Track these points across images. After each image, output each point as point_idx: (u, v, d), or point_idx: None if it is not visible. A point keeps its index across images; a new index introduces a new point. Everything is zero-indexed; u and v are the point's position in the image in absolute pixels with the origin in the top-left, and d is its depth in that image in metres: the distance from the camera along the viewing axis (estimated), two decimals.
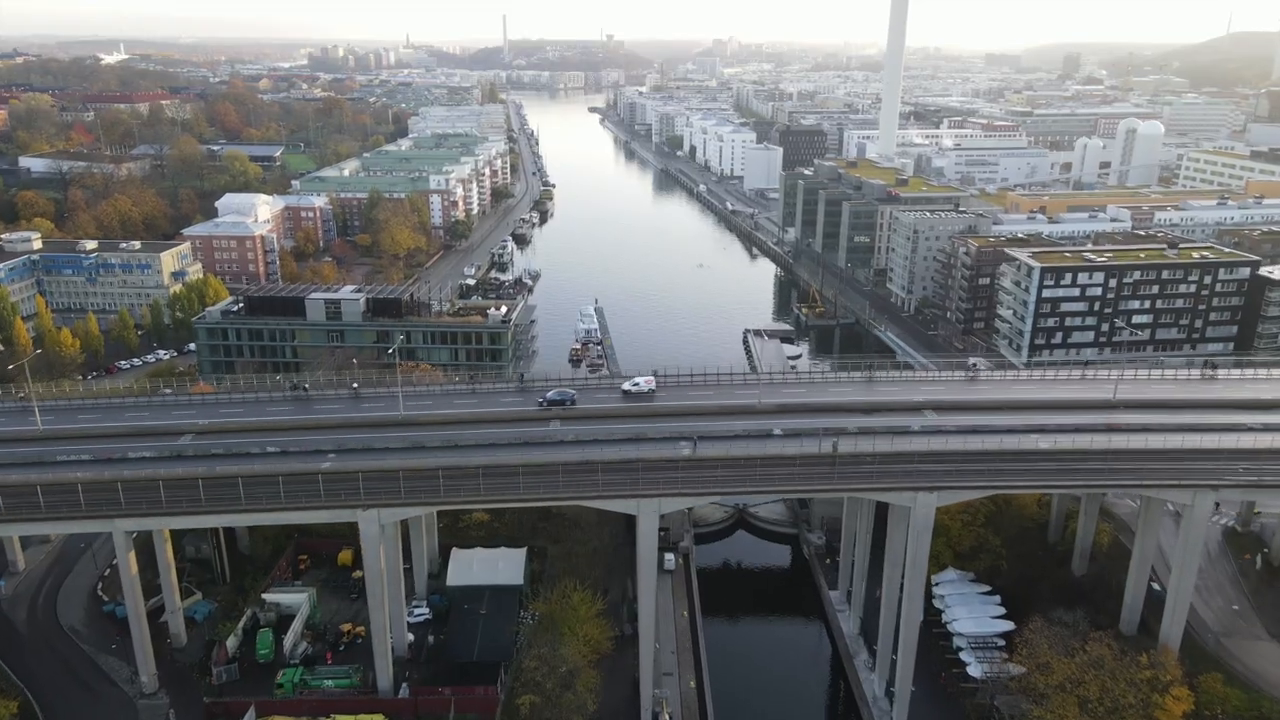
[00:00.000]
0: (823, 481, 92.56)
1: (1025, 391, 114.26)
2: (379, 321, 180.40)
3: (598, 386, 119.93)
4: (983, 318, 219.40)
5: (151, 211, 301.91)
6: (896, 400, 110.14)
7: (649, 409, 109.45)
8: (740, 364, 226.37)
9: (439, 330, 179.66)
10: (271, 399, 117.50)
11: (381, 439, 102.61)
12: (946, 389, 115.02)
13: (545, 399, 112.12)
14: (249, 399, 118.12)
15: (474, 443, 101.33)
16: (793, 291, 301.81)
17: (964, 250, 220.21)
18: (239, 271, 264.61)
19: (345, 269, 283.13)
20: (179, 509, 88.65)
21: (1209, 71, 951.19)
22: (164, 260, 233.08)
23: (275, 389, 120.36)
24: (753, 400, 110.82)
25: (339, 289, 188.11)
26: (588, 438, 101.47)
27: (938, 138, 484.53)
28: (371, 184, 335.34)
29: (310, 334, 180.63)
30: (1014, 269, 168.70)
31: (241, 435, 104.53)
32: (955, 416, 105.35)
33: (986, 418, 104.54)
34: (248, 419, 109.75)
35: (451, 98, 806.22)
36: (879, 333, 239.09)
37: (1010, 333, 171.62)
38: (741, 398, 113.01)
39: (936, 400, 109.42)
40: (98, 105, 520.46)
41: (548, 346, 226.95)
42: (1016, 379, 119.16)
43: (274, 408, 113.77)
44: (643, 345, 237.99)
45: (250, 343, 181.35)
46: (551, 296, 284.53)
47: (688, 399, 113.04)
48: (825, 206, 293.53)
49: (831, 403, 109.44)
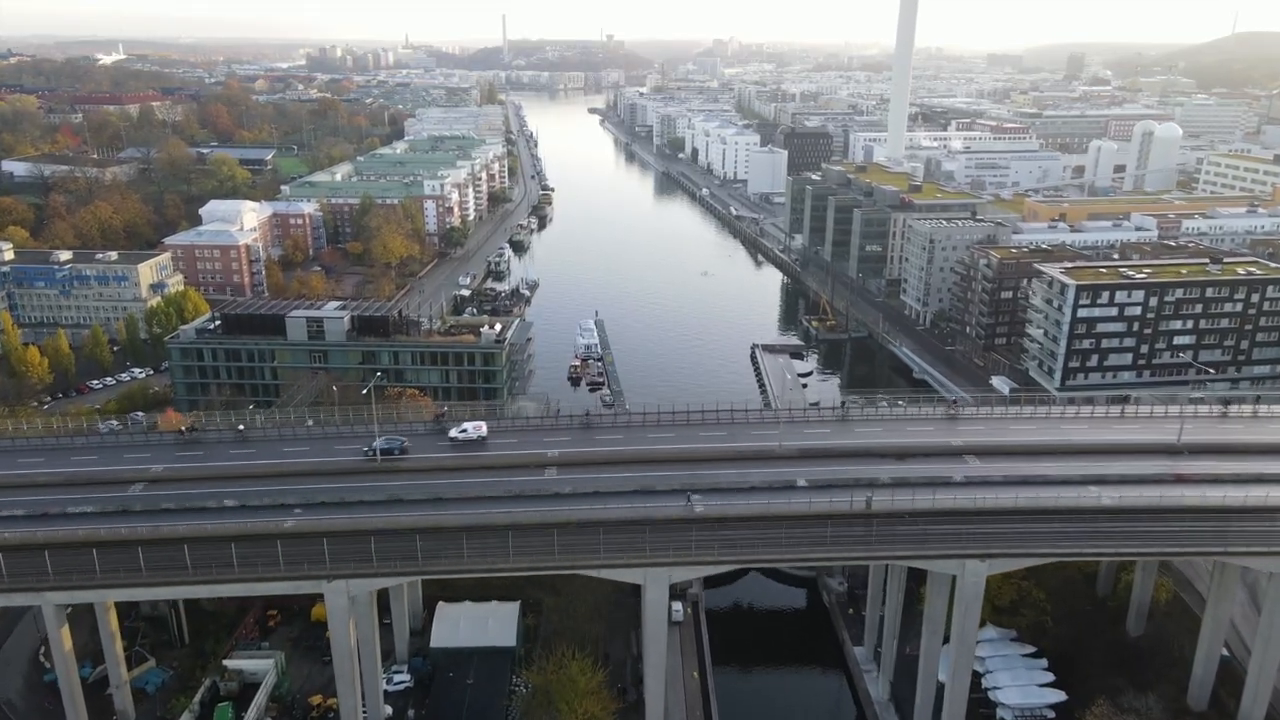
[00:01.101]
0: (858, 546, 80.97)
1: (1076, 432, 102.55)
2: (364, 341, 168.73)
3: (440, 431, 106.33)
4: (1005, 333, 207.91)
5: (134, 218, 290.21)
6: (933, 444, 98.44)
7: (655, 454, 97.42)
8: (748, 380, 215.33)
9: (429, 350, 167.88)
10: (239, 437, 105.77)
11: (355, 489, 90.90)
12: (987, 428, 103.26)
13: (373, 448, 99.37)
14: (210, 438, 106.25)
15: (458, 495, 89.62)
16: (800, 301, 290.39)
17: (984, 262, 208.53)
18: (223, 283, 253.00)
19: (335, 279, 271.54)
20: (116, 580, 77.13)
21: (1215, 72, 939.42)
22: (141, 272, 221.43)
23: (239, 428, 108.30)
24: (772, 443, 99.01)
25: (322, 305, 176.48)
26: (587, 488, 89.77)
27: (946, 140, 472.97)
28: (364, 189, 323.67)
29: (291, 354, 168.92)
30: (1045, 286, 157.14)
31: (199, 484, 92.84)
32: (1000, 463, 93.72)
33: (1036, 465, 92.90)
34: (208, 464, 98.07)
35: (450, 99, 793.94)
36: (893, 348, 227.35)
37: (1041, 354, 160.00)
38: (758, 438, 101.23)
39: (977, 443, 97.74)
40: (86, 106, 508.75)
41: (546, 363, 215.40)
42: (1062, 417, 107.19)
43: (237, 450, 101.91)
44: (645, 361, 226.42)
45: (227, 364, 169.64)
46: (550, 307, 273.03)
47: (698, 441, 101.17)
48: (835, 213, 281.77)
49: (860, 446, 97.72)
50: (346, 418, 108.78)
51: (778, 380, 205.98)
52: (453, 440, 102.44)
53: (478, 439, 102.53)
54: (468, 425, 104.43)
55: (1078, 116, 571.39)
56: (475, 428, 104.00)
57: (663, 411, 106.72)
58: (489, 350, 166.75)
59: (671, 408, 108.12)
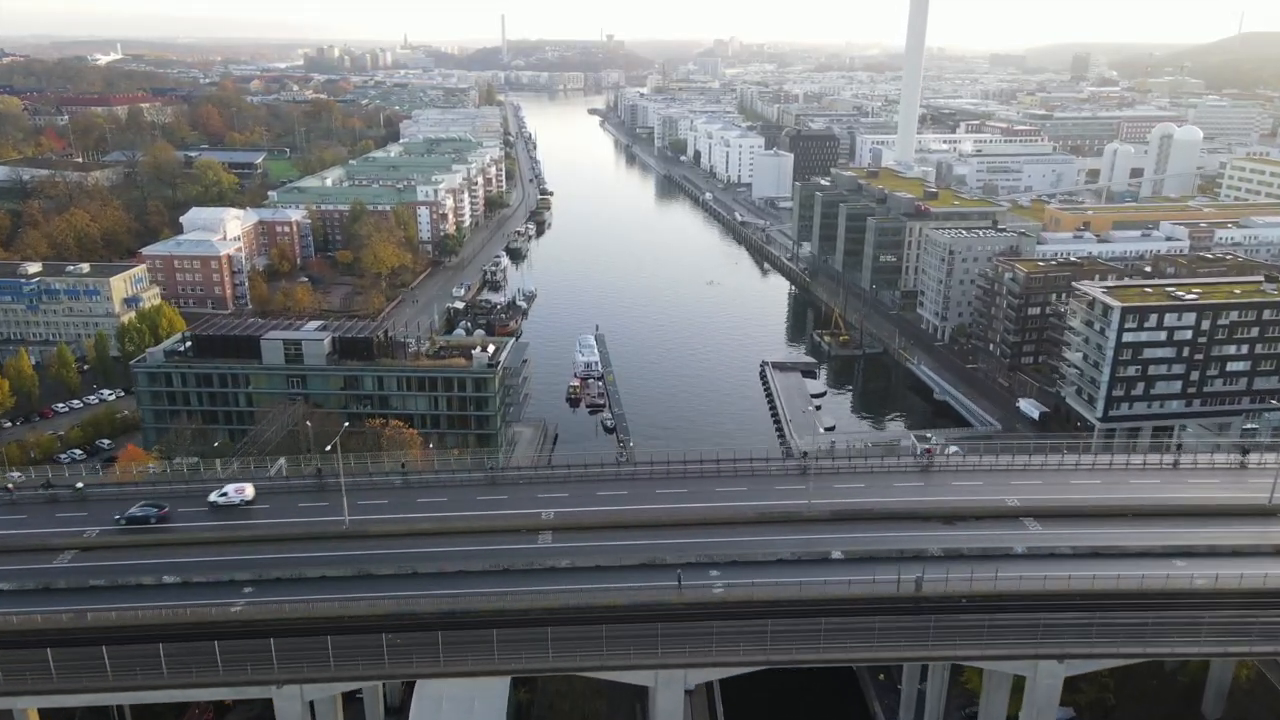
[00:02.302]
0: (910, 642, 68.19)
1: (1146, 486, 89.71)
2: (346, 365, 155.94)
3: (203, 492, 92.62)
4: (1032, 352, 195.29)
5: (113, 226, 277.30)
6: (984, 503, 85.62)
7: (666, 516, 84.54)
8: (758, 401, 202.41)
9: (416, 376, 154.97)
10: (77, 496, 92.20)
11: (318, 560, 78.10)
12: (1044, 482, 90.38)
13: (124, 516, 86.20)
14: (161, 488, 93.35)
15: (437, 569, 76.80)
16: (809, 312, 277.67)
17: (1010, 276, 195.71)
18: (204, 295, 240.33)
19: (322, 290, 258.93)
20: (22, 686, 64.12)
21: (1222, 72, 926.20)
22: (114, 285, 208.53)
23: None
24: (799, 500, 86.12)
25: (301, 326, 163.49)
26: (587, 561, 76.98)
27: (956, 143, 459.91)
28: (355, 195, 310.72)
29: (267, 379, 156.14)
30: (1086, 307, 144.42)
31: (138, 553, 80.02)
32: (1065, 528, 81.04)
33: (1107, 530, 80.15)
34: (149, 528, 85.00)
35: (448, 99, 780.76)
36: (911, 365, 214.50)
37: (1080, 381, 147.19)
38: (783, 495, 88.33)
39: (1036, 503, 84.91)
40: (72, 108, 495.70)
41: (543, 381, 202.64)
42: (1128, 467, 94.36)
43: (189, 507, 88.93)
44: (649, 380, 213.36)
45: (198, 389, 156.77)
46: (548, 320, 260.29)
47: (715, 498, 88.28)
48: (847, 222, 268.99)
49: (901, 507, 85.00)
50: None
51: (790, 402, 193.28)
52: (212, 506, 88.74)
53: (240, 504, 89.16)
54: (229, 489, 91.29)
55: (1089, 118, 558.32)
56: (237, 490, 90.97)
57: (673, 461, 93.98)
58: (481, 375, 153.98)
59: (683, 456, 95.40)
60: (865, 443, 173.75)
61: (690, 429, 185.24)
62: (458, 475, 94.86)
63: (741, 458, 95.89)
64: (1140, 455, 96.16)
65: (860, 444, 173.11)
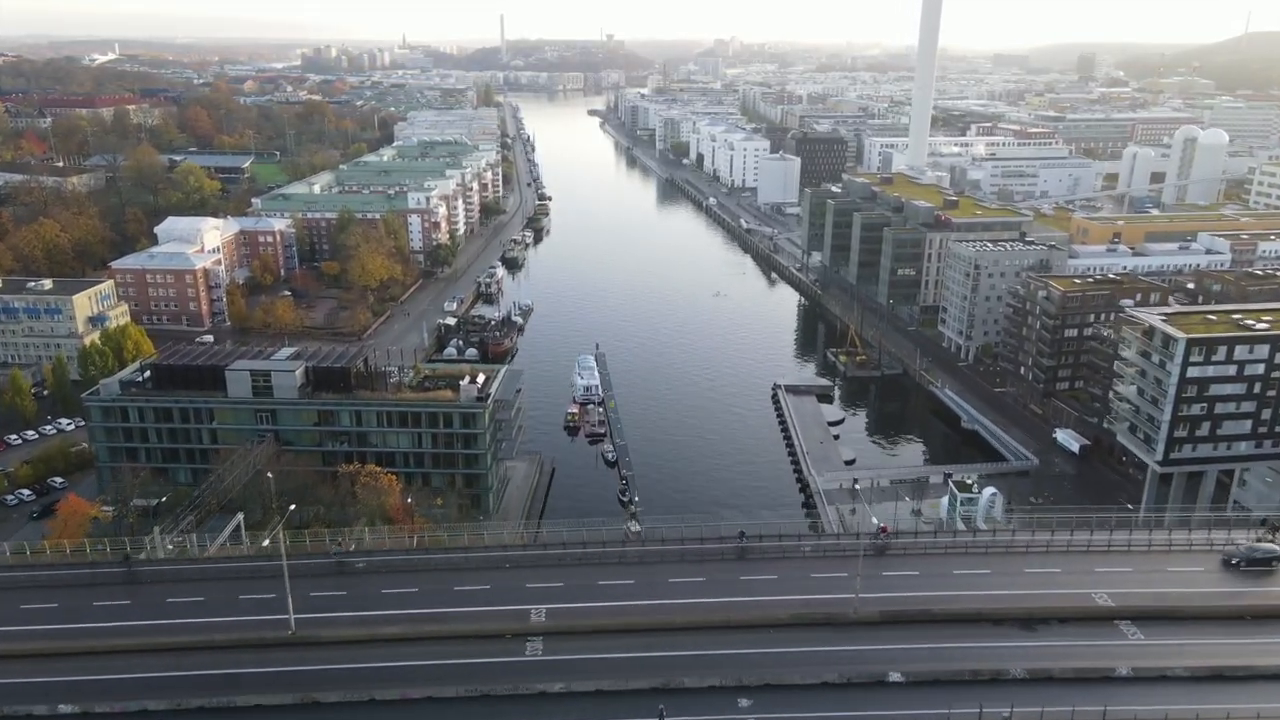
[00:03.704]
0: None
1: None
2: (321, 398, 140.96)
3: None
4: (1069, 377, 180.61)
5: (86, 236, 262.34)
6: (1067, 599, 70.75)
7: (681, 616, 69.64)
8: (770, 428, 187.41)
9: (398, 410, 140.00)
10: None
11: (253, 680, 63.14)
12: (1135, 569, 75.41)
13: None
14: (82, 574, 78.35)
15: (399, 695, 61.86)
16: (820, 326, 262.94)
17: (1043, 294, 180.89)
18: (178, 311, 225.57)
19: (306, 305, 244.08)
20: None
21: (1231, 72, 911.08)
22: (77, 303, 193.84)
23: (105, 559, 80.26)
24: (842, 595, 71.17)
25: (273, 353, 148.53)
26: (586, 682, 62.09)
27: (968, 146, 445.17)
28: (343, 203, 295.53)
29: (233, 414, 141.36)
30: (1141, 336, 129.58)
31: (31, 666, 65.01)
32: (1174, 635, 66.19)
33: (1230, 642, 65.13)
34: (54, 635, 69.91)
35: (445, 100, 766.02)
36: (934, 389, 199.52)
37: (1136, 419, 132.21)
38: (821, 585, 73.64)
39: (1131, 600, 69.96)
40: (56, 110, 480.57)
41: (540, 404, 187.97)
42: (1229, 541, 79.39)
43: (105, 597, 74.02)
44: (653, 405, 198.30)
45: (157, 425, 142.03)
46: (545, 336, 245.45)
47: (738, 587, 73.40)
48: (861, 232, 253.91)
49: (967, 604, 70.03)
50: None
51: (805, 431, 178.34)
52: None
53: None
54: None
55: (1102, 120, 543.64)
56: None
57: (688, 540, 78.66)
58: (469, 410, 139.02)
59: (700, 532, 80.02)
60: (889, 480, 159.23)
61: (698, 462, 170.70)
62: (429, 557, 79.63)
63: (769, 534, 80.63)
64: (1251, 529, 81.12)
65: (885, 482, 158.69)
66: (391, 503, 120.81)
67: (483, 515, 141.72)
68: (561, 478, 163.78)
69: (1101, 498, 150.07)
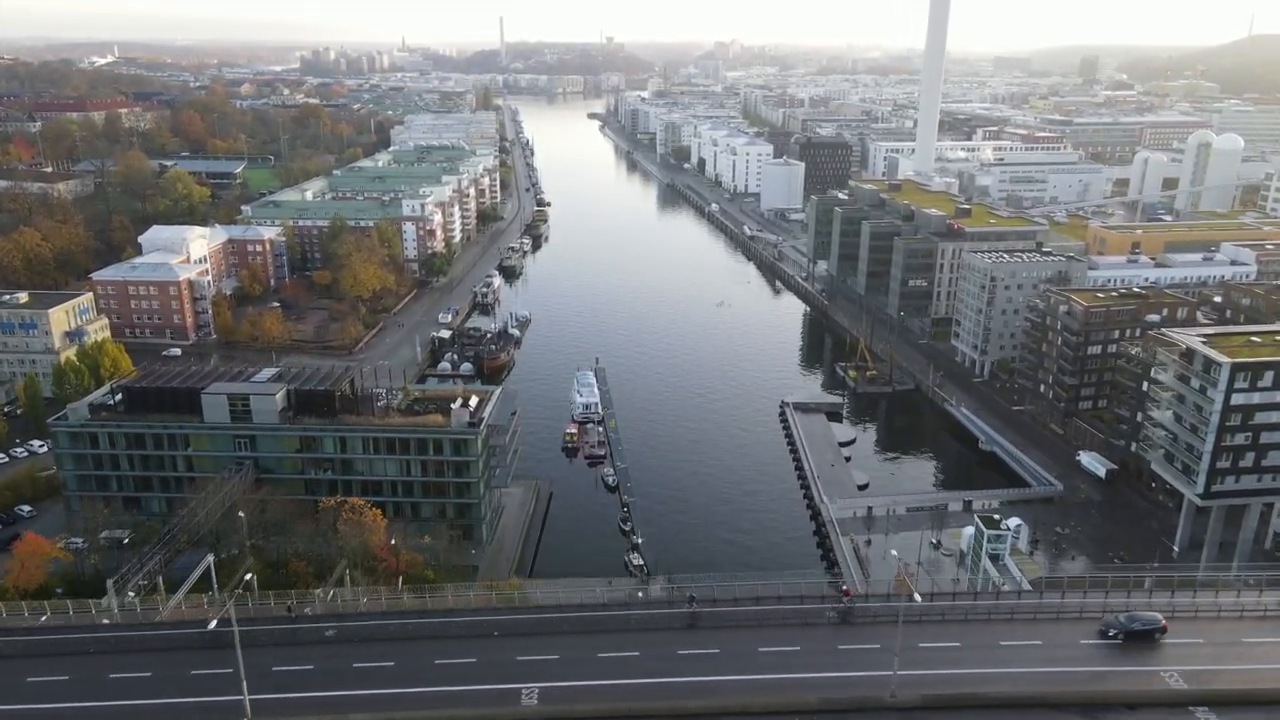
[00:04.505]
0: None
1: None
2: (304, 423, 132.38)
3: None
4: (1092, 396, 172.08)
5: (69, 246, 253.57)
6: (1132, 681, 61.89)
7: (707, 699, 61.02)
8: (778, 447, 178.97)
9: (385, 436, 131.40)
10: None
11: None
12: (1206, 641, 66.65)
13: None
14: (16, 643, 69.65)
15: None
16: (827, 337, 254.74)
17: (1065, 309, 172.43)
18: (161, 325, 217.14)
19: (296, 317, 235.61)
20: None
21: (1235, 75, 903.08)
22: (53, 318, 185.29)
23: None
24: (876, 672, 62.52)
25: (254, 374, 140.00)
26: None
27: (975, 150, 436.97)
28: (335, 210, 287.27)
29: (209, 440, 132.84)
30: (1179, 359, 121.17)
31: None
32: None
33: None
34: None
35: (443, 104, 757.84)
36: (949, 406, 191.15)
37: (1173, 447, 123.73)
38: (851, 659, 64.98)
39: (1206, 681, 61.16)
40: (47, 114, 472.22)
41: (537, 425, 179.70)
42: None
43: (43, 670, 65.32)
44: (655, 424, 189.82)
45: (128, 451, 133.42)
46: (543, 348, 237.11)
47: (757, 662, 64.68)
48: (870, 241, 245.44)
49: (1019, 687, 61.20)
50: None
51: (816, 453, 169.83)
52: None
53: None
54: None
55: (1110, 124, 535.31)
56: None
57: (699, 601, 69.88)
58: (461, 436, 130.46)
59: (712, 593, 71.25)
60: (905, 508, 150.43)
61: (703, 487, 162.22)
62: (408, 623, 70.94)
63: (788, 595, 72.02)
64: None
65: (901, 510, 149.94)
66: (375, 540, 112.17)
67: (475, 547, 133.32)
68: (559, 504, 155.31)
69: (1132, 527, 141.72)
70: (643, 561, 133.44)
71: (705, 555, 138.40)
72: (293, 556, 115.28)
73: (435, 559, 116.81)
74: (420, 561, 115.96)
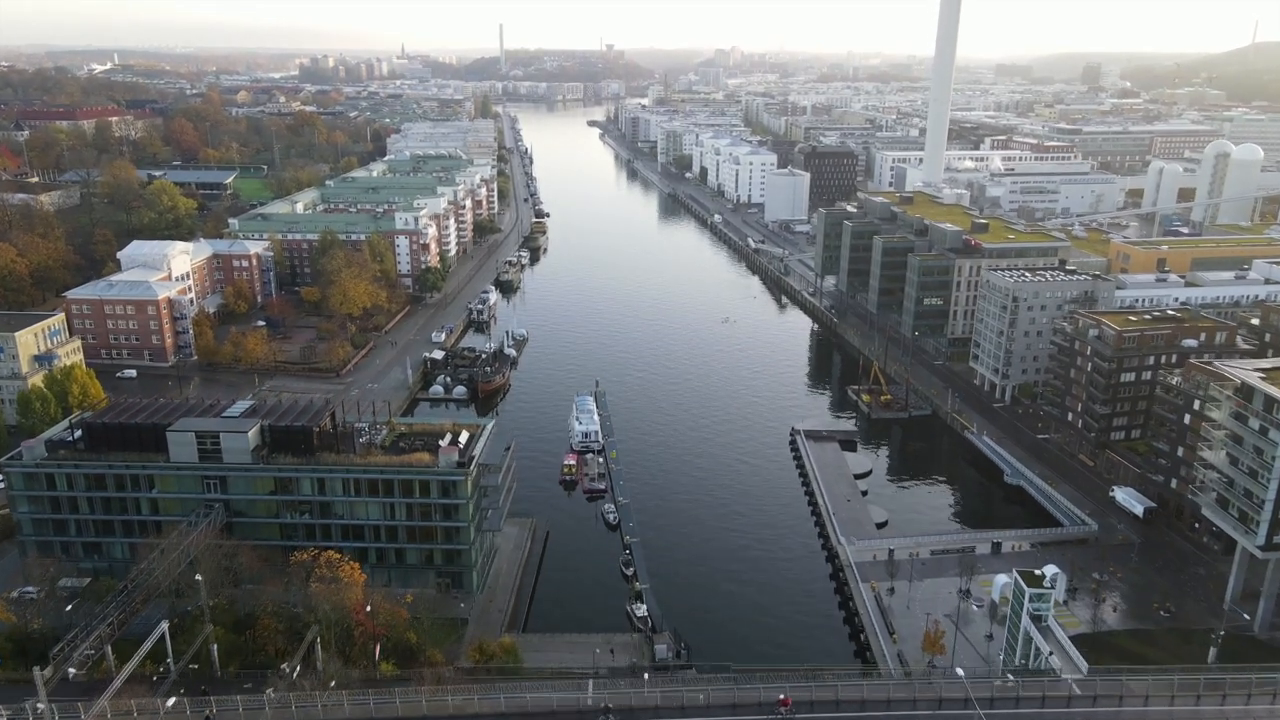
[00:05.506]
0: None
1: None
2: (279, 462, 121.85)
3: None
4: (1125, 426, 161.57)
5: (47, 261, 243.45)
6: None
7: None
8: (789, 480, 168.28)
9: (367, 477, 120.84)
10: None
11: None
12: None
13: None
14: None
15: None
16: (836, 356, 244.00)
17: (1095, 333, 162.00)
18: (139, 345, 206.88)
19: (282, 336, 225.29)
20: None
21: (1240, 83, 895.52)
22: (21, 341, 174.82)
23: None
24: None
25: (225, 408, 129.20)
26: None
27: (985, 160, 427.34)
28: (325, 223, 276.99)
29: (176, 482, 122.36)
30: (1234, 396, 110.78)
31: None
32: None
33: None
34: None
35: (441, 111, 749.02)
36: (970, 435, 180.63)
37: (1227, 491, 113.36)
38: None
39: None
40: (35, 122, 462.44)
41: (533, 454, 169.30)
42: None
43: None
44: (659, 455, 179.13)
45: (89, 493, 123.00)
46: (541, 370, 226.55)
47: None
48: (883, 256, 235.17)
49: None
50: None
51: (830, 486, 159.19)
52: None
53: None
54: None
55: (1119, 133, 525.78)
56: None
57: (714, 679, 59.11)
58: (449, 477, 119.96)
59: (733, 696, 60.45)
60: (929, 551, 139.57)
61: (710, 525, 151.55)
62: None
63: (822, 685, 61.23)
64: None
65: (925, 553, 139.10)
66: (352, 598, 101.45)
67: (464, 598, 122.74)
68: (556, 544, 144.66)
69: (1176, 574, 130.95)
70: (646, 613, 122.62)
71: (713, 605, 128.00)
72: (262, 614, 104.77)
73: (418, 619, 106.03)
74: (402, 620, 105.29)
